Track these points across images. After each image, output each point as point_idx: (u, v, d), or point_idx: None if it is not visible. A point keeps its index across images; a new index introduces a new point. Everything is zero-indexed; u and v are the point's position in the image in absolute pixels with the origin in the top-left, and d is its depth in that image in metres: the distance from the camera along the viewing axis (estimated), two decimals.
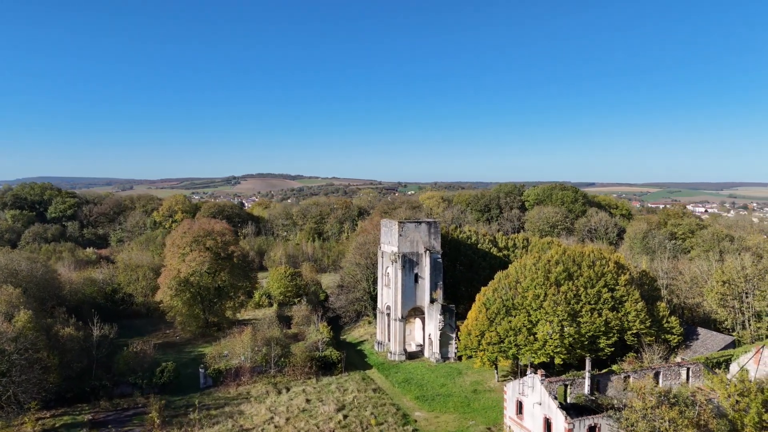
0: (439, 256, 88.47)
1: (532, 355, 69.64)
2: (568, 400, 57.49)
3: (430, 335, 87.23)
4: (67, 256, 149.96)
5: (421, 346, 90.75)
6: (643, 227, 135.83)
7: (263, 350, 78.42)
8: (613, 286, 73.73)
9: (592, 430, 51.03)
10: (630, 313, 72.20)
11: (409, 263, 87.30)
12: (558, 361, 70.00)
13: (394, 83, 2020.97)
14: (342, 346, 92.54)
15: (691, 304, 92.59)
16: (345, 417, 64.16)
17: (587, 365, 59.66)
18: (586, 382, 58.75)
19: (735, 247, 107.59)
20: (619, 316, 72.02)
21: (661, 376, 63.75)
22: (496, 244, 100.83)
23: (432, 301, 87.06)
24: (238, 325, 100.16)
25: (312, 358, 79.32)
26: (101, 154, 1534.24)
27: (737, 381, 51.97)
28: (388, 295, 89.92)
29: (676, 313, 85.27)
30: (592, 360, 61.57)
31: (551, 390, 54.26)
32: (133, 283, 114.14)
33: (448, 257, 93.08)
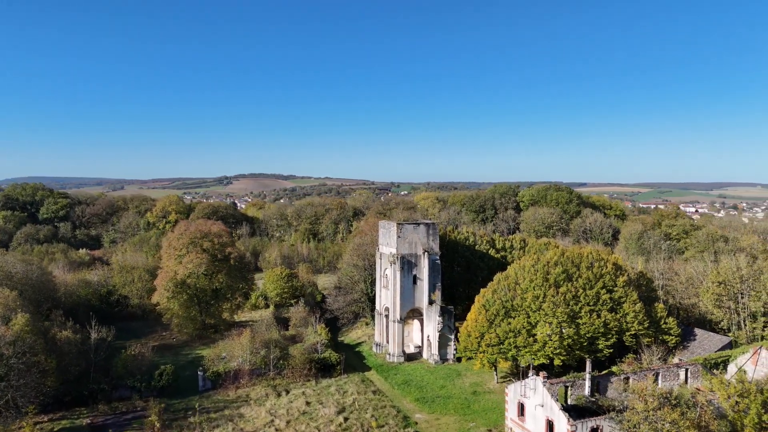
0: (438, 258, 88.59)
1: (532, 356, 69.89)
2: (569, 401, 57.76)
3: (428, 337, 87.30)
4: (60, 258, 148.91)
5: (420, 348, 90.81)
6: (638, 228, 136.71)
7: (262, 352, 78.17)
8: (611, 288, 74.18)
9: (594, 431, 51.25)
10: (628, 315, 72.66)
11: (407, 265, 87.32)
12: (557, 363, 70.27)
13: (390, 83, 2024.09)
14: (340, 348, 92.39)
15: (687, 305, 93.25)
16: (346, 419, 64.03)
17: (587, 367, 59.99)
18: (587, 384, 59.09)
19: (729, 248, 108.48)
20: (618, 317, 72.47)
21: (660, 377, 64.29)
22: (494, 245, 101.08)
23: (431, 302, 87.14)
24: (235, 327, 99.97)
25: (311, 360, 79.09)
26: (92, 153, 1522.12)
27: (737, 382, 52.34)
28: (387, 297, 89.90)
29: (672, 314, 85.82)
30: (590, 361, 61.91)
31: (553, 392, 54.47)
32: (129, 284, 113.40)
33: (445, 258, 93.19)
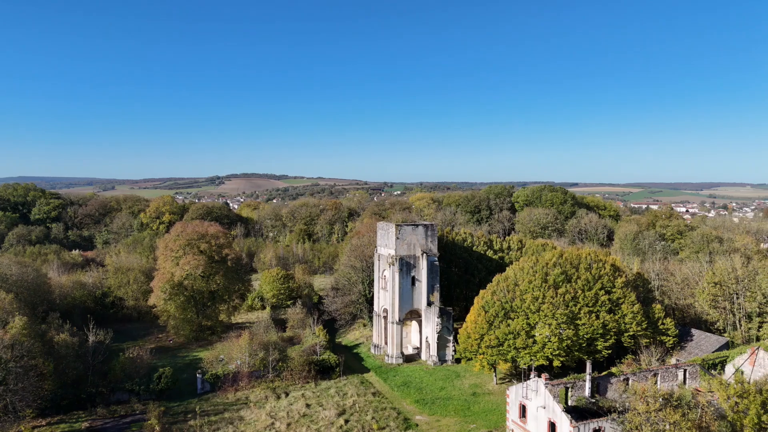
0: (436, 259, 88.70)
1: (531, 357, 70.13)
2: (569, 402, 58.00)
3: (427, 338, 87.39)
4: (53, 259, 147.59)
5: (418, 349, 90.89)
6: (632, 229, 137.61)
7: (260, 354, 77.91)
8: (609, 289, 74.61)
9: None
10: (627, 316, 73.11)
11: (406, 266, 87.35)
12: (556, 364, 70.58)
13: (384, 83, 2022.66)
14: (338, 350, 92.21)
15: (683, 305, 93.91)
16: (346, 422, 64.03)
17: (588, 368, 60.20)
18: (587, 385, 59.33)
19: (724, 249, 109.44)
20: (616, 318, 72.89)
21: (659, 378, 64.67)
22: (492, 246, 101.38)
23: (429, 304, 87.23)
24: (233, 329, 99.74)
25: (310, 362, 79.00)
26: (82, 153, 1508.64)
27: (736, 383, 52.79)
28: (385, 298, 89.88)
29: (669, 315, 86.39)
30: (590, 362, 62.15)
31: (555, 393, 54.69)
32: (124, 286, 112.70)
33: (443, 260, 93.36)
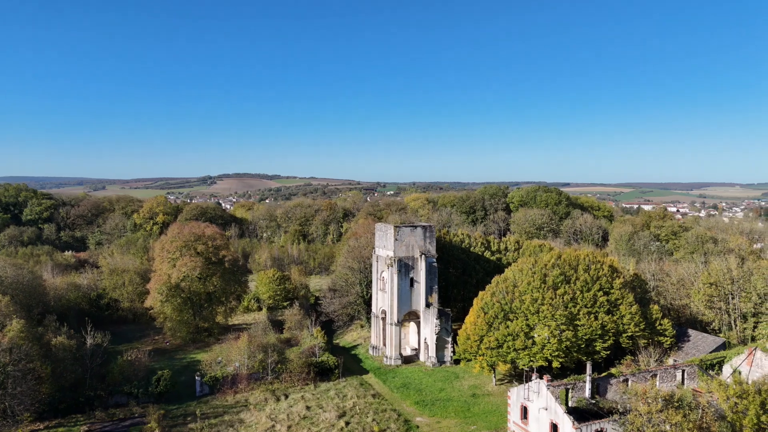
0: (435, 260, 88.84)
1: (531, 359, 70.43)
2: (569, 403, 58.27)
3: (426, 339, 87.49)
4: (46, 260, 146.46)
5: (416, 350, 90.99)
6: (627, 229, 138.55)
7: (259, 356, 77.65)
8: (608, 290, 75.02)
9: None
10: (625, 316, 73.55)
11: (404, 267, 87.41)
12: (555, 365, 70.86)
13: (375, 83, 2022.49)
14: (336, 351, 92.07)
15: (678, 306, 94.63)
16: (347, 424, 63.95)
17: (588, 369, 60.51)
18: (587, 386, 59.62)
19: (719, 249, 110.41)
20: (615, 319, 73.31)
21: (658, 379, 65.14)
22: (489, 248, 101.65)
23: (428, 305, 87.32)
24: (229, 330, 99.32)
25: (309, 364, 78.80)
26: (71, 152, 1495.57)
27: (735, 383, 53.26)
28: (384, 300, 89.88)
29: (665, 315, 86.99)
30: (590, 363, 62.48)
31: (556, 395, 54.93)
32: (119, 288, 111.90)
33: (440, 261, 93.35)
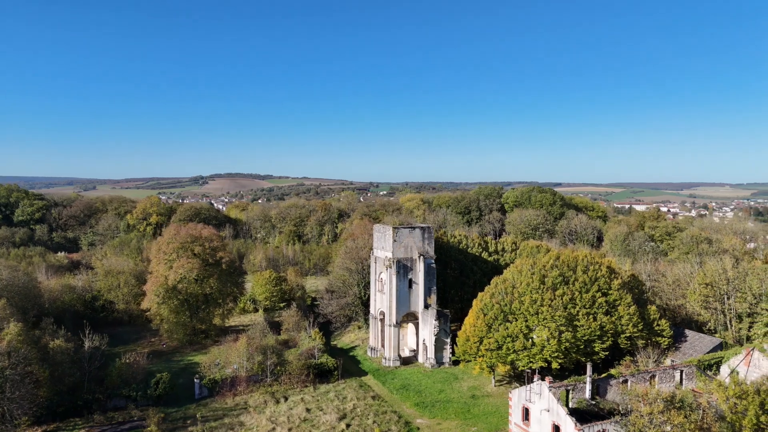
0: (433, 262, 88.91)
1: (530, 360, 70.65)
2: (570, 404, 58.55)
3: (424, 340, 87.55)
4: (39, 262, 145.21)
5: (415, 351, 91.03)
6: (622, 230, 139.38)
7: (258, 358, 77.35)
8: (606, 291, 75.39)
9: None
10: (623, 317, 73.94)
11: (403, 269, 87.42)
12: (555, 366, 71.12)
13: (368, 83, 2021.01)
14: (334, 352, 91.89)
15: (674, 306, 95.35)
16: (348, 426, 63.88)
17: (588, 370, 60.80)
18: (587, 387, 59.92)
19: (713, 250, 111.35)
20: (613, 320, 73.67)
21: (657, 379, 65.62)
22: (486, 248, 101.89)
23: (426, 306, 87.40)
24: (227, 332, 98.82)
25: (308, 365, 78.63)
26: (60, 152, 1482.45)
27: (734, 384, 53.68)
28: (382, 301, 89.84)
29: (662, 316, 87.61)
30: (590, 364, 62.81)
31: (558, 396, 55.15)
32: (114, 290, 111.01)
33: (438, 262, 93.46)
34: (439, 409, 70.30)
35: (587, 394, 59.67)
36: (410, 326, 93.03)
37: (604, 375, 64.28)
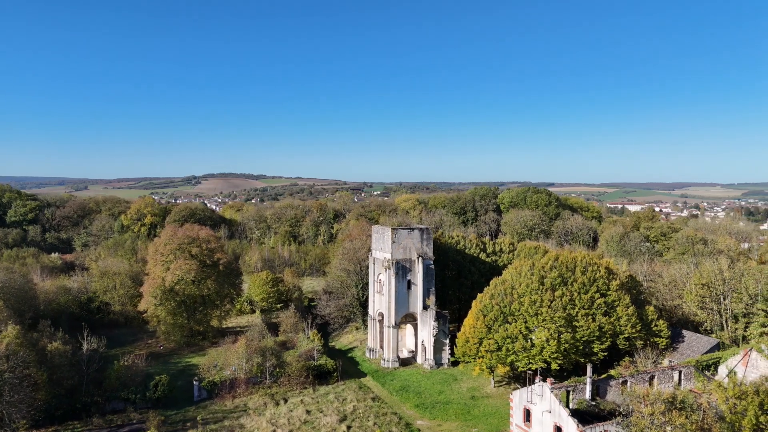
0: (432, 263, 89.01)
1: (530, 361, 70.86)
2: (570, 405, 58.78)
3: (423, 341, 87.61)
4: (32, 262, 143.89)
5: (413, 352, 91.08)
6: (618, 230, 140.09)
7: (257, 360, 77.14)
8: (605, 291, 75.74)
9: None
10: (622, 318, 74.32)
11: (402, 270, 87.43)
12: (554, 367, 71.37)
13: (361, 81, 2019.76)
14: (332, 354, 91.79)
15: (670, 306, 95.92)
16: (349, 428, 63.87)
17: (588, 371, 61.09)
18: (588, 388, 60.19)
19: (709, 250, 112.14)
20: (612, 320, 74.04)
21: (656, 380, 66.02)
22: (485, 249, 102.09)
23: (425, 307, 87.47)
24: (225, 334, 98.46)
25: (308, 367, 78.50)
26: (52, 151, 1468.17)
27: (734, 384, 54.07)
28: (381, 302, 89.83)
29: (660, 316, 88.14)
30: (590, 365, 63.09)
31: (559, 397, 55.35)
32: (110, 291, 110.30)
33: (436, 262, 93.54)
34: (440, 410, 70.41)
35: (587, 395, 59.92)
36: (408, 327, 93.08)
37: (603, 376, 64.59)
